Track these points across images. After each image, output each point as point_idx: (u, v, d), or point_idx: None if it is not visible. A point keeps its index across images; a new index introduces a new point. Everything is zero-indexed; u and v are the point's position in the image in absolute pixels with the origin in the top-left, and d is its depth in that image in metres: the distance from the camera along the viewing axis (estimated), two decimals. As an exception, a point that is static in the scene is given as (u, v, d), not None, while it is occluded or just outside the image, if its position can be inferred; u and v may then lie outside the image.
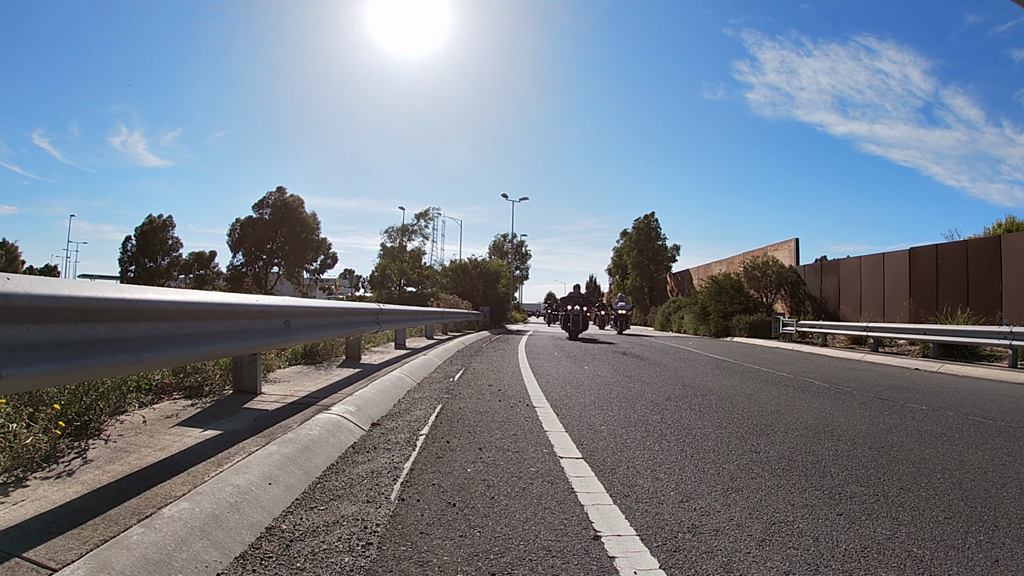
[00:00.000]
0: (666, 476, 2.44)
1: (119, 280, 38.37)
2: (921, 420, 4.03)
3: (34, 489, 1.77)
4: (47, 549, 1.37)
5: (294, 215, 39.57)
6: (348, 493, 2.10)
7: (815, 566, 1.60)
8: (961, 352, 9.47)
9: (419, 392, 4.63)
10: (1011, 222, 14.90)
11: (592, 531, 1.80)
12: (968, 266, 11.76)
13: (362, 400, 3.60)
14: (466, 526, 1.82)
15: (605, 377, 6.11)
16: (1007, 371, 7.39)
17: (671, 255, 36.24)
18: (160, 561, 1.37)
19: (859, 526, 1.92)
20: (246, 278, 38.31)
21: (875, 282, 14.39)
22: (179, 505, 1.67)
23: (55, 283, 1.85)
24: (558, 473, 2.43)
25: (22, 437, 1.98)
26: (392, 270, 32.60)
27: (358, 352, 6.05)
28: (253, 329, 3.25)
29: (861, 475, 2.54)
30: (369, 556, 1.58)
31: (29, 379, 1.67)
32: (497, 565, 1.55)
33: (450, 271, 24.83)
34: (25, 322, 1.68)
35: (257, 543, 1.64)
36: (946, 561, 1.66)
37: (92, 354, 1.92)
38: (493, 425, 3.40)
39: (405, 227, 33.65)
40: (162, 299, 2.37)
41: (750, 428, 3.54)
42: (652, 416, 3.85)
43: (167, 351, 2.37)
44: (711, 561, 1.61)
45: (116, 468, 2.00)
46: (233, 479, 1.93)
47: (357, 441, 2.88)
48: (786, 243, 20.25)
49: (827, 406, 4.55)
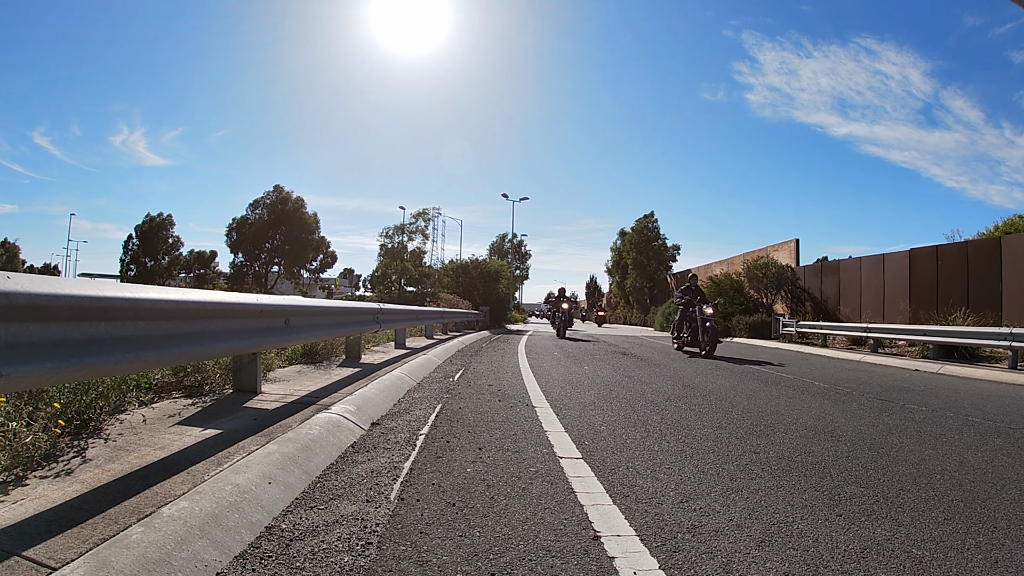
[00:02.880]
0: (666, 476, 2.44)
1: (119, 279, 38.33)
2: (921, 421, 4.03)
3: (34, 488, 1.77)
4: (47, 548, 1.37)
5: (293, 214, 39.51)
6: (348, 493, 2.10)
7: (815, 567, 1.60)
8: (961, 353, 9.46)
9: (419, 392, 4.63)
10: (1012, 222, 14.87)
11: (592, 531, 1.80)
12: (968, 267, 11.76)
13: (362, 400, 3.60)
14: (466, 526, 1.82)
15: (605, 377, 6.11)
16: (1007, 372, 7.39)
17: (671, 255, 36.22)
18: (160, 560, 1.37)
19: (859, 527, 1.92)
20: (246, 277, 38.27)
21: (875, 283, 14.38)
22: (179, 504, 1.67)
23: (55, 282, 1.85)
24: (558, 473, 2.43)
25: (22, 435, 1.98)
26: (392, 270, 32.57)
27: (358, 351, 6.05)
28: (253, 328, 3.25)
29: (861, 476, 2.54)
30: (369, 556, 1.58)
31: (29, 378, 1.67)
32: (497, 565, 1.55)
33: (450, 271, 24.85)
34: (25, 320, 1.68)
35: (257, 542, 1.64)
36: (945, 562, 1.66)
37: (92, 353, 1.92)
38: (493, 425, 3.40)
39: (402, 226, 33.60)
40: (162, 298, 2.37)
41: (750, 428, 3.54)
42: (652, 416, 3.85)
43: (167, 350, 2.37)
44: (711, 561, 1.61)
45: (116, 467, 2.00)
46: (233, 478, 1.93)
47: (357, 441, 2.88)
48: (786, 244, 20.25)
49: (827, 407, 4.55)
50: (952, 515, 2.07)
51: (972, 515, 2.07)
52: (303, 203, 40.08)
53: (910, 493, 2.32)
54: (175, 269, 41.17)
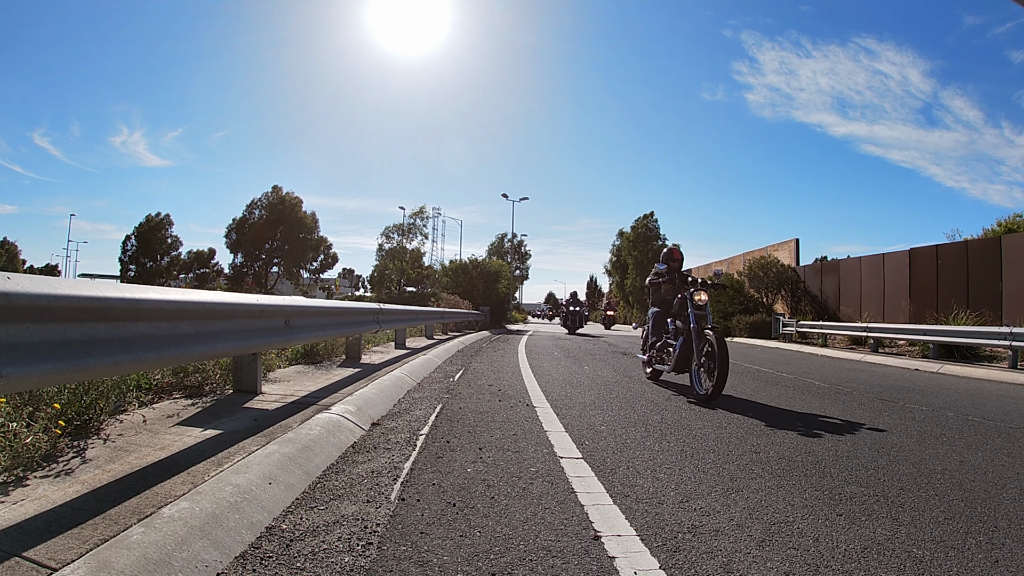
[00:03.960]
0: (666, 476, 2.44)
1: (119, 279, 38.32)
2: (921, 421, 4.03)
3: (34, 488, 1.76)
4: (47, 548, 1.36)
5: (293, 214, 39.51)
6: (348, 493, 2.10)
7: (815, 566, 1.60)
8: (961, 353, 9.47)
9: (419, 392, 4.63)
10: (1013, 221, 14.87)
11: (592, 531, 1.80)
12: (968, 267, 11.76)
13: (362, 400, 3.60)
14: (466, 526, 1.82)
15: (605, 377, 6.11)
16: (1007, 372, 7.39)
17: (671, 255, 36.16)
18: (160, 560, 1.37)
19: (859, 526, 1.92)
20: (246, 277, 38.26)
21: (875, 282, 14.38)
22: (179, 504, 1.67)
23: (55, 282, 1.85)
24: (558, 473, 2.43)
25: (22, 436, 1.98)
26: (392, 270, 32.57)
27: (358, 352, 6.05)
28: (253, 329, 3.25)
29: (861, 475, 2.54)
30: (369, 556, 1.58)
31: (29, 378, 1.67)
32: (497, 565, 1.55)
33: (450, 271, 24.84)
34: (25, 321, 1.68)
35: (257, 543, 1.64)
36: (946, 562, 1.66)
37: (92, 353, 1.92)
38: (493, 425, 3.40)
39: (400, 226, 33.64)
40: (162, 298, 2.37)
41: (750, 428, 3.54)
42: (652, 416, 3.85)
43: (167, 350, 2.37)
44: (711, 561, 1.61)
45: (116, 467, 2.00)
46: (233, 478, 1.93)
47: (357, 441, 2.87)
48: (786, 243, 20.26)
49: (827, 406, 4.55)
50: (952, 515, 2.07)
51: (972, 515, 2.07)
52: (301, 203, 40.09)
53: (910, 493, 2.32)
54: (174, 269, 41.16)
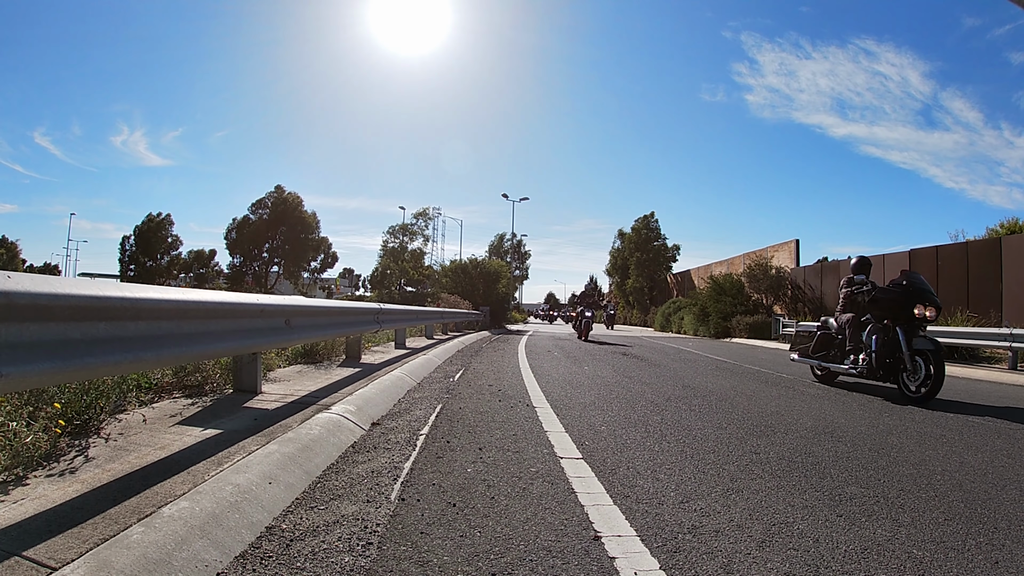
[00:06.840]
0: (666, 477, 2.44)
1: (119, 279, 38.34)
2: (921, 422, 4.03)
3: (34, 488, 1.76)
4: (47, 548, 1.36)
5: (293, 214, 39.53)
6: (348, 493, 2.10)
7: (815, 567, 1.60)
8: (961, 354, 9.47)
9: (419, 392, 4.63)
10: (1014, 223, 14.87)
11: (592, 531, 1.80)
12: (968, 268, 11.76)
13: (362, 400, 3.60)
14: (466, 526, 1.82)
15: (605, 377, 6.11)
16: (1007, 373, 7.39)
17: (671, 255, 36.23)
18: (160, 560, 1.37)
19: (859, 527, 1.92)
20: (246, 277, 38.28)
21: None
22: (179, 504, 1.67)
23: (56, 281, 1.85)
24: (558, 473, 2.43)
25: (22, 435, 1.98)
26: (392, 270, 32.61)
27: (358, 351, 6.05)
28: (254, 328, 3.24)
29: (861, 476, 2.54)
30: (369, 556, 1.58)
31: (29, 378, 1.67)
32: (497, 565, 1.55)
33: (450, 271, 24.84)
34: (25, 320, 1.67)
35: (257, 542, 1.64)
36: (946, 563, 1.66)
37: (93, 353, 1.92)
38: (493, 425, 3.40)
39: (405, 226, 33.73)
40: (163, 298, 2.37)
41: (750, 429, 3.54)
42: (652, 417, 3.84)
43: (168, 350, 2.37)
44: (711, 562, 1.61)
45: (116, 467, 2.00)
46: (233, 478, 1.93)
47: (357, 441, 2.87)
48: (786, 244, 20.26)
49: (827, 407, 4.55)
50: (952, 515, 2.07)
51: (972, 515, 2.07)
52: (301, 202, 40.12)
53: (910, 493, 2.32)
54: (175, 269, 41.18)
